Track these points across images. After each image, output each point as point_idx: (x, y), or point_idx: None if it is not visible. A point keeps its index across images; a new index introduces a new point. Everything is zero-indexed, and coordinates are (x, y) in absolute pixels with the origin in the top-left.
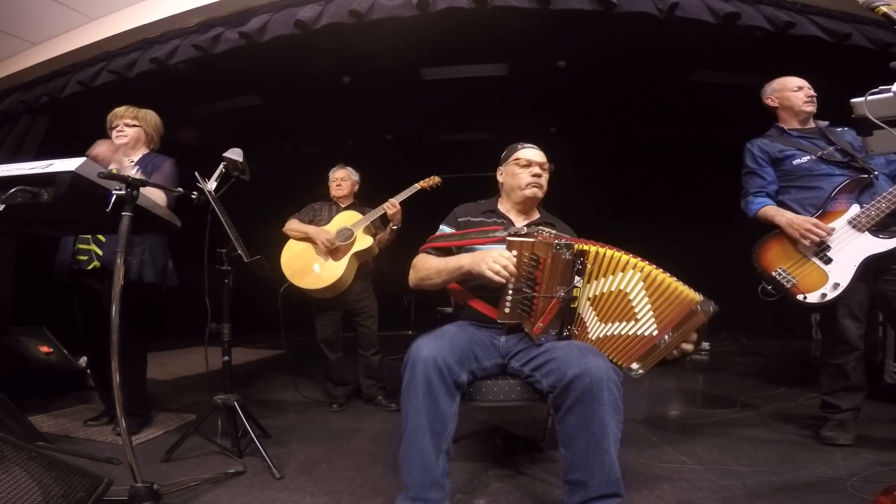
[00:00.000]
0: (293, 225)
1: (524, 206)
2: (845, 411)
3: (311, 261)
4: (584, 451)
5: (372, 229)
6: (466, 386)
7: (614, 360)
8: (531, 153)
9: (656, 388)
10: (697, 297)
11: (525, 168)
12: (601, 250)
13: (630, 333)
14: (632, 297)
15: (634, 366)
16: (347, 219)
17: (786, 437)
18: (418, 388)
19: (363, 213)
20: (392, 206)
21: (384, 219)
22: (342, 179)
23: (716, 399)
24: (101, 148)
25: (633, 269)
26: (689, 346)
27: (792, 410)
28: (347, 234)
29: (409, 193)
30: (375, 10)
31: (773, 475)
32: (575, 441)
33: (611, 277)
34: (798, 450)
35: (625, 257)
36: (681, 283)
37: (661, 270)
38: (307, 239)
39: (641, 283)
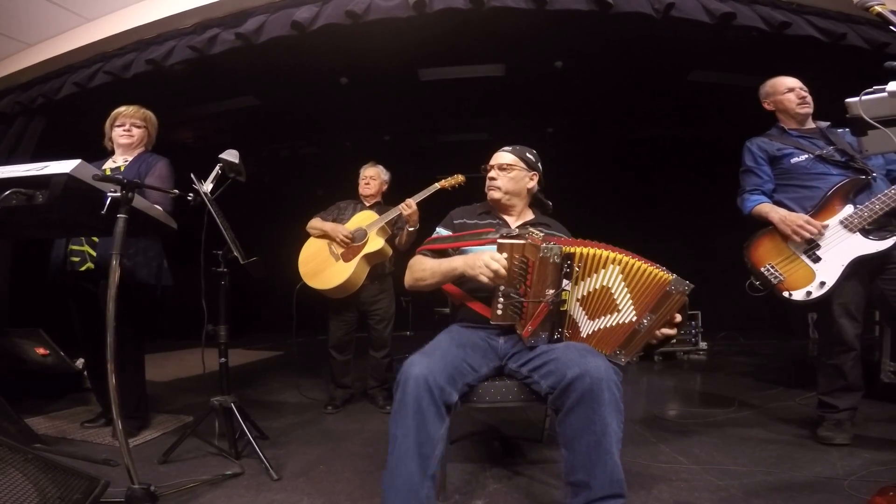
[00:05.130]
0: (314, 223)
1: (496, 208)
2: (842, 411)
3: (324, 261)
4: (585, 451)
5: (388, 230)
6: (457, 405)
7: (599, 351)
8: (494, 156)
9: (654, 387)
10: (670, 276)
11: (489, 173)
12: (585, 250)
13: (613, 324)
14: (613, 290)
15: (618, 352)
16: (364, 219)
17: (783, 437)
18: (408, 409)
19: (382, 214)
20: (408, 206)
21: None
22: (371, 178)
23: (713, 399)
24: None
25: (613, 262)
26: (671, 330)
27: (789, 410)
28: (361, 235)
29: (428, 193)
30: (372, 11)
31: (771, 475)
32: (576, 442)
33: (595, 276)
34: (795, 449)
35: (604, 253)
36: (656, 266)
37: (640, 259)
38: (324, 237)
39: (620, 276)
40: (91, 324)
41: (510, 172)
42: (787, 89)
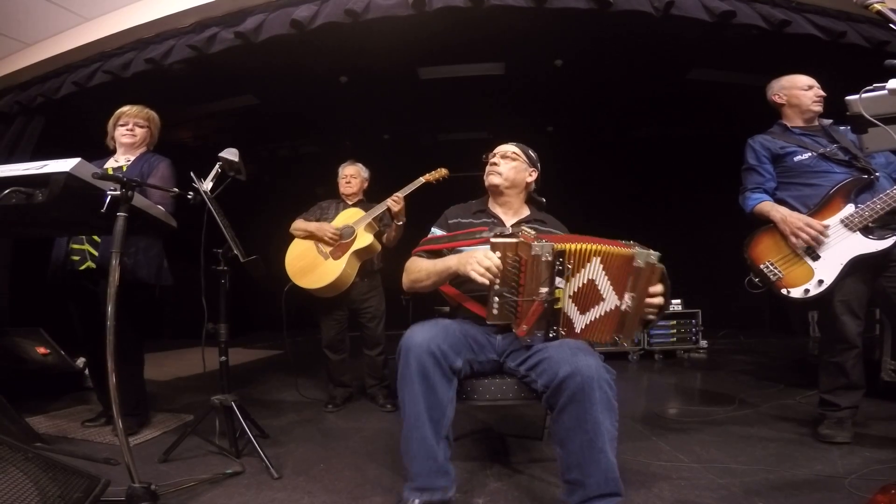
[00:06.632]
0: (298, 224)
1: (493, 196)
2: (844, 409)
3: (313, 260)
4: (579, 450)
5: (375, 226)
6: (462, 376)
7: (598, 341)
8: (498, 147)
9: (654, 386)
10: (633, 250)
11: (492, 159)
12: (575, 247)
13: (602, 313)
14: (597, 281)
15: (617, 338)
16: (350, 216)
17: (784, 436)
18: (413, 376)
19: (367, 211)
20: (396, 201)
21: (391, 214)
22: (352, 176)
23: (714, 397)
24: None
25: (595, 255)
26: (658, 300)
27: (790, 408)
28: (349, 232)
29: (414, 187)
30: (371, 10)
31: (771, 473)
32: (570, 441)
33: (583, 270)
34: (796, 448)
35: (587, 246)
36: (624, 245)
37: (613, 243)
38: (311, 237)
39: (601, 265)
40: (91, 322)
41: (513, 162)
42: (807, 86)
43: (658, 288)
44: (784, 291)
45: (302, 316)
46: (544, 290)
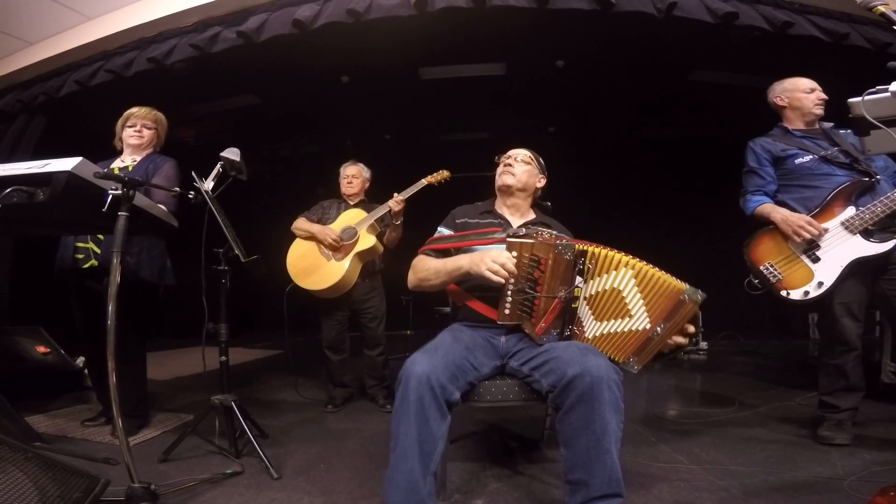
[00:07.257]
0: (300, 224)
1: (503, 196)
2: (843, 411)
3: (315, 261)
4: (585, 450)
5: (377, 227)
6: (458, 403)
7: (611, 357)
8: (512, 151)
9: (654, 387)
10: (684, 286)
11: (507, 160)
12: (597, 250)
13: (625, 330)
14: (625, 293)
15: (631, 360)
16: (352, 217)
17: (783, 437)
18: (410, 406)
19: (369, 212)
20: (397, 202)
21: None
22: (353, 176)
23: (713, 399)
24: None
25: (626, 266)
26: (682, 339)
27: (789, 410)
28: (351, 234)
29: (416, 189)
30: (374, 10)
31: (771, 475)
32: (576, 441)
33: (605, 276)
34: (795, 450)
35: (618, 256)
36: (669, 275)
37: (652, 266)
38: (312, 238)
39: (633, 280)
40: (93, 321)
41: (526, 166)
42: (810, 89)
43: (690, 328)
44: (784, 293)
45: (302, 316)
46: (564, 287)
